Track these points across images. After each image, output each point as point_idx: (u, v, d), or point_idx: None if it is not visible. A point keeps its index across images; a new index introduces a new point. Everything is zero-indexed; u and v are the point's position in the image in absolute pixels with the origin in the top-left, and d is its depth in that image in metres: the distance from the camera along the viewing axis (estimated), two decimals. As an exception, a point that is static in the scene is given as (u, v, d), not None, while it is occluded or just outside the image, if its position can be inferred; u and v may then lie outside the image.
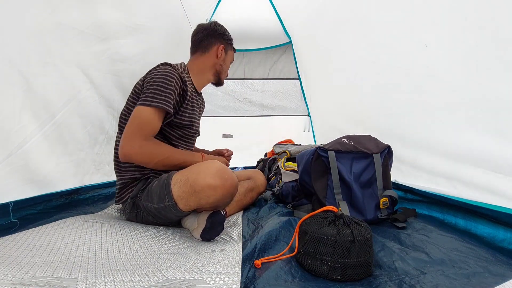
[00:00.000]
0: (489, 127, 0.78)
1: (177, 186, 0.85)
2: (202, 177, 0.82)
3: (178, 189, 0.85)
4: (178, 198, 0.84)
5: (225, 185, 0.83)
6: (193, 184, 0.82)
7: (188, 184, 0.83)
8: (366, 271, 0.59)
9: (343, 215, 0.63)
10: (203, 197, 0.82)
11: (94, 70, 1.22)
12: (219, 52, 1.22)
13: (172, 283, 0.51)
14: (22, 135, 0.89)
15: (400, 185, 1.18)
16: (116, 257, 0.70)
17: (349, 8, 1.44)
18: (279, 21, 2.63)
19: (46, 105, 0.99)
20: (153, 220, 0.97)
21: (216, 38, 1.24)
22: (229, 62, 1.30)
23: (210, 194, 0.82)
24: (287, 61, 2.77)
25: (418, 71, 1.02)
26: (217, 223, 0.86)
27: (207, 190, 0.81)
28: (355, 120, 1.62)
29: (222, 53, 1.23)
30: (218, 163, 0.87)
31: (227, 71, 1.29)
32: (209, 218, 0.86)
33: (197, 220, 0.90)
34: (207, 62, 1.22)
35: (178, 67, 1.11)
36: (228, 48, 1.26)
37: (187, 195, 0.83)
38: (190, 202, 0.84)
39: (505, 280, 0.56)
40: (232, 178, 0.86)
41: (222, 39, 1.24)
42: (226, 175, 0.84)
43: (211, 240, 0.87)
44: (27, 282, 0.48)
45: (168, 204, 0.86)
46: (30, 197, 0.92)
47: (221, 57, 1.23)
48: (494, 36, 0.73)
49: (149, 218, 0.97)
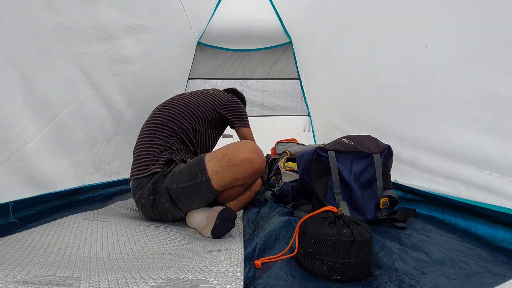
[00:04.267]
0: (489, 127, 0.78)
1: (213, 162, 0.93)
2: (241, 152, 0.93)
3: (214, 164, 0.93)
4: (213, 173, 0.91)
5: (260, 159, 0.96)
6: (232, 158, 0.92)
7: (225, 158, 0.92)
8: (366, 271, 0.59)
9: (343, 215, 0.63)
10: (241, 170, 0.93)
11: (95, 70, 1.22)
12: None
13: (175, 283, 0.51)
14: (23, 135, 0.89)
15: (400, 185, 1.18)
16: (117, 257, 0.70)
17: (349, 8, 1.44)
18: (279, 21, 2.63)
19: (47, 105, 0.99)
20: (170, 207, 0.98)
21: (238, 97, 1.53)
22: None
23: (248, 167, 0.93)
24: (287, 61, 2.77)
25: (418, 71, 1.02)
26: (227, 219, 0.86)
27: (247, 162, 0.93)
28: (355, 120, 1.62)
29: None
30: (251, 141, 1.02)
31: None
32: (219, 215, 0.86)
33: (206, 218, 0.91)
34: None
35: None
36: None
37: (224, 169, 0.92)
38: (226, 176, 0.92)
39: (505, 280, 0.56)
40: (263, 155, 1.00)
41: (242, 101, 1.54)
42: (260, 151, 0.99)
43: (220, 237, 0.87)
44: (30, 281, 0.49)
45: (201, 180, 0.92)
46: (30, 197, 0.92)
47: None
48: (494, 35, 0.73)
49: (165, 205, 0.98)
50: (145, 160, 1.05)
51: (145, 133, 1.13)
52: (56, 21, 0.98)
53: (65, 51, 1.05)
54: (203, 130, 1.23)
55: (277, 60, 2.77)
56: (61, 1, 0.99)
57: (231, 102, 1.32)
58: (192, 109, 1.19)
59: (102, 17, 1.20)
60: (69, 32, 1.05)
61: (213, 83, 2.72)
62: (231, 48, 2.77)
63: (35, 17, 0.91)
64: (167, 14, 1.83)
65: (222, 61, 2.76)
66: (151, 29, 1.59)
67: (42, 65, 0.96)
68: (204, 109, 1.22)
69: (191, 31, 2.41)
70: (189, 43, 2.54)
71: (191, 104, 1.21)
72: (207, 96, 1.28)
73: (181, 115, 1.16)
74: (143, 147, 1.09)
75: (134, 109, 1.58)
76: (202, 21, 2.52)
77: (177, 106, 1.19)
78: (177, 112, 1.17)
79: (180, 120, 1.15)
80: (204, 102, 1.24)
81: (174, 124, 1.14)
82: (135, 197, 1.05)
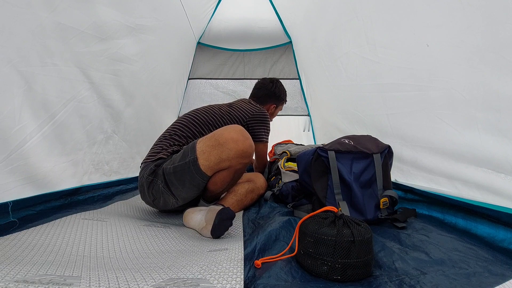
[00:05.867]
0: (490, 127, 0.78)
1: (202, 142, 0.97)
2: (227, 132, 0.96)
3: (202, 144, 0.97)
4: (200, 152, 0.94)
5: (245, 141, 0.97)
6: (218, 137, 0.95)
7: (213, 138, 0.96)
8: (366, 271, 0.59)
9: (343, 215, 0.63)
10: (225, 150, 0.94)
11: (94, 70, 1.22)
12: (271, 109, 1.60)
13: (175, 282, 0.51)
14: (21, 134, 0.89)
15: (400, 185, 1.18)
16: (117, 256, 0.70)
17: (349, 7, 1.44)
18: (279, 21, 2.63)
19: (46, 105, 0.99)
20: (163, 189, 1.01)
21: (268, 97, 1.57)
22: (277, 113, 1.69)
23: (232, 147, 0.94)
24: (287, 61, 2.76)
25: (419, 70, 1.02)
26: (225, 218, 0.86)
27: (231, 142, 0.94)
28: (355, 120, 1.62)
29: (273, 110, 1.62)
30: (240, 126, 1.04)
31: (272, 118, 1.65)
32: (218, 214, 0.86)
33: (204, 219, 0.91)
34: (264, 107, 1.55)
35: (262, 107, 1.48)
36: (279, 105, 1.65)
37: (210, 149, 0.95)
38: (212, 156, 0.94)
39: (505, 280, 0.56)
40: (250, 139, 1.01)
41: (276, 100, 1.60)
42: (246, 134, 1.00)
43: (220, 237, 0.87)
44: (31, 280, 0.48)
45: (190, 160, 0.95)
46: (29, 196, 0.92)
47: (270, 112, 1.60)
48: (495, 35, 0.72)
49: (160, 187, 1.01)
50: (157, 149, 1.13)
51: (166, 132, 1.21)
52: (55, 21, 0.98)
53: (65, 51, 1.05)
54: None
55: (277, 60, 2.77)
56: (61, 1, 0.98)
57: (258, 114, 1.37)
58: (214, 120, 1.25)
59: (101, 17, 1.19)
60: (69, 32, 1.05)
61: (213, 83, 2.72)
62: (231, 48, 2.77)
63: (35, 16, 0.91)
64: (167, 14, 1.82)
65: (222, 61, 2.75)
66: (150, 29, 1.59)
67: (41, 65, 0.96)
68: (229, 121, 1.28)
69: (191, 31, 2.41)
70: (189, 43, 2.54)
71: (216, 114, 1.27)
72: (234, 108, 1.34)
73: (205, 121, 1.23)
74: (158, 141, 1.17)
75: (133, 109, 1.58)
76: (202, 21, 2.52)
77: (204, 113, 1.26)
78: (202, 118, 1.23)
79: (202, 126, 1.21)
80: (230, 113, 1.31)
81: (195, 127, 1.20)
82: (138, 177, 1.12)
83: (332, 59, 1.81)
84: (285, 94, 1.65)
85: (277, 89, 1.59)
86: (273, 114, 1.65)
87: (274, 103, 1.60)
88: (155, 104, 1.92)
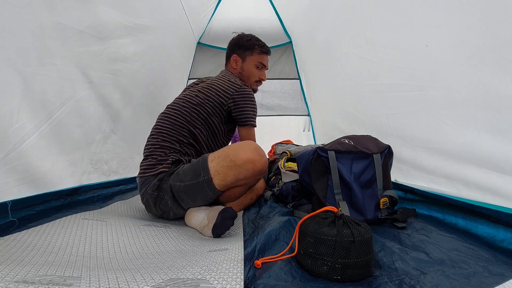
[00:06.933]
0: (490, 127, 0.78)
1: (215, 161, 0.93)
2: (243, 152, 0.93)
3: (216, 164, 0.92)
4: (215, 173, 0.91)
5: (261, 160, 0.95)
6: (234, 158, 0.92)
7: (228, 158, 0.92)
8: (366, 271, 0.59)
9: (343, 216, 0.63)
10: (243, 170, 0.92)
11: (93, 69, 1.21)
12: (233, 62, 1.34)
13: (175, 282, 0.51)
14: (19, 134, 0.89)
15: (400, 185, 1.18)
16: (117, 256, 0.70)
17: (349, 7, 1.44)
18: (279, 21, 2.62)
19: (44, 104, 0.99)
20: (172, 204, 0.99)
21: (231, 50, 1.35)
22: (251, 67, 1.34)
23: (250, 168, 0.92)
24: (287, 61, 2.76)
25: (419, 70, 1.02)
26: (227, 218, 0.86)
27: (248, 163, 0.92)
28: (355, 120, 1.62)
29: (237, 62, 1.33)
30: (254, 142, 1.00)
31: (253, 76, 1.36)
32: (220, 213, 0.86)
33: (207, 218, 0.91)
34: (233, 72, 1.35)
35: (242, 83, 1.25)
36: (246, 55, 1.33)
37: (226, 169, 0.91)
38: (228, 176, 0.92)
39: (505, 280, 0.56)
40: (265, 155, 0.98)
41: (236, 49, 1.34)
42: (262, 152, 0.97)
43: (221, 236, 0.87)
44: (31, 280, 0.48)
45: (203, 179, 0.91)
46: (29, 196, 0.91)
47: (237, 66, 1.33)
48: (495, 35, 0.72)
49: (168, 203, 0.98)
50: (153, 159, 1.06)
51: (154, 135, 1.14)
52: (54, 20, 0.98)
53: (63, 50, 1.05)
54: (212, 131, 1.18)
55: (277, 60, 2.77)
56: (60, 1, 0.98)
57: (238, 93, 1.16)
58: (196, 113, 1.13)
59: (101, 17, 1.19)
60: (68, 31, 1.05)
61: (213, 83, 2.72)
62: (231, 48, 2.77)
63: (34, 16, 0.91)
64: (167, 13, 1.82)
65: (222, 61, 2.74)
66: (150, 28, 1.59)
67: (39, 64, 0.96)
68: (210, 108, 1.14)
69: (191, 31, 2.41)
70: (189, 43, 2.54)
71: (196, 106, 1.14)
72: (213, 90, 1.17)
73: (188, 120, 1.13)
74: (152, 148, 1.10)
75: (132, 109, 1.58)
76: (202, 21, 2.52)
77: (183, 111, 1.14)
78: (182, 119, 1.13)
79: (187, 126, 1.12)
80: (209, 99, 1.15)
81: (182, 129, 1.12)
82: (140, 191, 1.07)
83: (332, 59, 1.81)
84: (254, 41, 1.33)
85: (238, 38, 1.35)
86: (243, 69, 1.33)
87: (236, 53, 1.33)
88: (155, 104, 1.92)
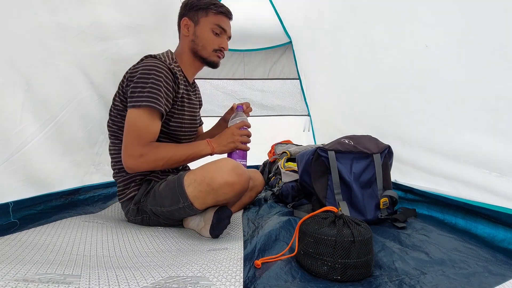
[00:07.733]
0: (489, 127, 0.78)
1: (192, 186, 0.85)
2: (219, 175, 0.82)
3: (193, 189, 0.84)
4: (194, 198, 0.85)
5: (240, 181, 0.84)
6: (210, 182, 0.83)
7: (204, 183, 0.83)
8: (366, 271, 0.59)
9: (343, 216, 0.63)
10: (221, 194, 0.84)
11: (94, 70, 1.22)
12: (183, 27, 1.03)
13: (175, 280, 0.51)
14: (22, 136, 0.89)
15: (400, 185, 1.18)
16: (117, 255, 0.70)
17: (349, 7, 1.44)
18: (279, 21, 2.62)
19: (47, 105, 0.99)
20: (164, 222, 0.97)
21: (180, 14, 1.06)
22: (206, 31, 1.02)
23: (228, 191, 0.84)
24: (287, 61, 2.76)
25: (418, 71, 1.02)
26: (223, 217, 0.86)
27: (226, 187, 0.83)
28: (355, 120, 1.62)
29: (189, 27, 1.02)
30: (231, 160, 0.89)
31: (210, 44, 1.03)
32: (215, 213, 0.86)
33: (203, 219, 0.91)
34: (183, 44, 1.05)
35: (165, 58, 0.98)
36: (199, 16, 1.01)
37: (204, 194, 0.84)
38: (208, 200, 0.85)
39: (505, 280, 0.56)
40: (246, 173, 0.87)
41: (186, 11, 1.03)
42: (240, 171, 0.85)
43: (218, 236, 0.87)
44: (30, 279, 0.48)
45: (184, 205, 0.86)
46: (30, 197, 0.92)
47: (189, 32, 1.02)
48: (495, 36, 0.73)
49: (159, 220, 0.96)
50: (120, 182, 1.00)
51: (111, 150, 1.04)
52: (56, 21, 0.98)
53: (65, 51, 1.05)
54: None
55: (277, 60, 2.77)
56: (61, 1, 0.98)
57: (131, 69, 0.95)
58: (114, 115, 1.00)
59: (102, 17, 1.19)
60: (69, 32, 1.05)
61: (213, 83, 2.72)
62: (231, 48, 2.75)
63: (35, 17, 0.91)
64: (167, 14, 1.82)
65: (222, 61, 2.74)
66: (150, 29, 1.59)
67: (41, 65, 0.96)
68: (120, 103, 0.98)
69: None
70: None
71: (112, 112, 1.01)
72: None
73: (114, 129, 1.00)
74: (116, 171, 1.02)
75: (134, 109, 1.58)
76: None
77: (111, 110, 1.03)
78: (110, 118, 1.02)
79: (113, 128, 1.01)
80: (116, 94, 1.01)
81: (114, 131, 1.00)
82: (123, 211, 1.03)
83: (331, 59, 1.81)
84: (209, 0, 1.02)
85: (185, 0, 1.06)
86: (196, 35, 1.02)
87: (186, 16, 1.02)
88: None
